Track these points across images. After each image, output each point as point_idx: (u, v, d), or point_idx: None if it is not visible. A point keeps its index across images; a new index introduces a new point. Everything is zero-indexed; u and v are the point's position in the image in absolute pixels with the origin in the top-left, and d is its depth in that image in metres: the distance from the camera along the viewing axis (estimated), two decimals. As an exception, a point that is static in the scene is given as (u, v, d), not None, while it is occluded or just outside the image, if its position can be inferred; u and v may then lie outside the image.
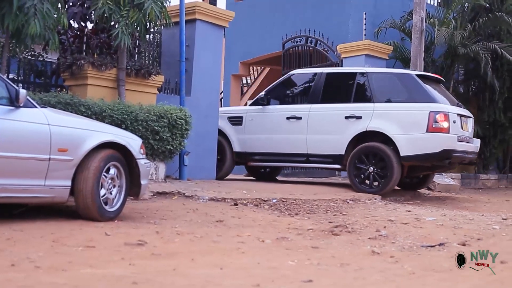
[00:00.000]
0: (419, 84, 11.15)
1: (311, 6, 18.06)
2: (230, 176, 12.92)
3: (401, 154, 10.67)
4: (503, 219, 8.69)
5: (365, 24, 17.07)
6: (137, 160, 6.89)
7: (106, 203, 6.55)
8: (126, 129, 8.68)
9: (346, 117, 11.20)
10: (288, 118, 11.75)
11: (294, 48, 16.51)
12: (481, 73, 16.45)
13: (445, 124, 10.57)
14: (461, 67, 18.48)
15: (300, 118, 11.63)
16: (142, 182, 7.00)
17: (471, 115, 11.92)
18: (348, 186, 11.60)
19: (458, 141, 10.80)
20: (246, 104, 15.98)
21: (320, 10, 17.72)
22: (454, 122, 10.75)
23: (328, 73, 12.06)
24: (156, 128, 9.70)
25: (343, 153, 11.13)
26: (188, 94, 11.40)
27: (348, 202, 9.86)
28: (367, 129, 10.99)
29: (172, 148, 10.02)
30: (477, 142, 11.84)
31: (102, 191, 6.48)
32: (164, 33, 11.76)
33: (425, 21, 15.08)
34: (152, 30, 11.34)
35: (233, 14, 12.53)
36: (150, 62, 11.67)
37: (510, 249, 6.01)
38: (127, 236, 5.63)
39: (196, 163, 11.19)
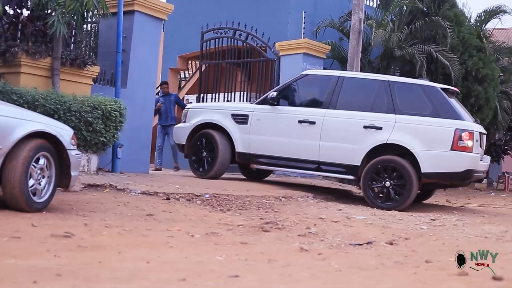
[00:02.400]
0: (445, 99, 10.70)
1: (251, 3, 18.08)
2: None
3: (423, 171, 10.18)
4: (431, 219, 8.86)
5: (304, 23, 17.21)
6: (68, 151, 6.79)
7: (34, 194, 6.42)
8: (58, 119, 8.53)
9: (365, 127, 10.55)
10: (300, 121, 10.96)
11: (218, 40, 15.83)
12: (416, 75, 16.71)
13: (469, 143, 10.15)
14: (397, 69, 18.81)
15: (313, 122, 10.86)
16: (73, 173, 6.90)
17: (485, 131, 11.57)
18: (282, 183, 11.65)
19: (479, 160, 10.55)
20: (184, 99, 15.82)
21: (260, 8, 17.76)
22: (476, 141, 10.38)
23: (347, 78, 11.37)
24: (90, 119, 9.59)
25: (359, 164, 10.54)
26: (124, 86, 11.30)
27: (281, 199, 9.91)
28: (388, 142, 10.40)
29: (105, 140, 9.92)
30: (487, 159, 11.50)
31: (31, 182, 6.35)
32: (102, 23, 11.64)
33: (363, 22, 15.27)
34: (89, 20, 11.20)
35: (172, 7, 12.47)
36: (87, 52, 11.53)
37: (436, 249, 6.13)
38: (54, 227, 5.55)
39: (129, 156, 11.10)
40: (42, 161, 6.52)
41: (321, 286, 4.02)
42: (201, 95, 16.40)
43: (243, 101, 15.38)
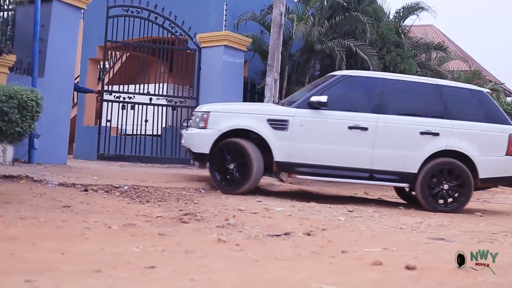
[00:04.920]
0: (494, 103, 10.81)
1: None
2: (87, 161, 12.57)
3: (480, 176, 10.29)
4: (349, 211, 9.01)
5: (225, 15, 17.18)
6: (-19, 141, 6.63)
7: None
8: (-28, 108, 8.34)
9: (422, 133, 10.31)
10: (350, 127, 10.26)
11: (129, 20, 14.81)
12: (336, 69, 16.89)
13: None
14: (317, 63, 19.01)
15: (366, 128, 10.25)
16: (-14, 164, 6.75)
17: None
18: (202, 175, 11.61)
19: None
20: (100, 91, 15.34)
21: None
22: None
23: (393, 80, 10.86)
24: (5, 109, 9.36)
25: (416, 171, 10.30)
26: (41, 76, 11.07)
27: (201, 191, 9.90)
28: (446, 148, 10.30)
29: (21, 130, 9.70)
30: None
31: None
32: (19, 11, 11.40)
33: (285, 16, 15.34)
34: (5, 7, 10.94)
35: (91, -5, 12.27)
36: (3, 40, 11.27)
37: (352, 239, 6.23)
38: (-34, 219, 5.42)
39: (46, 147, 10.89)
40: (-47, 151, 6.36)
41: (237, 277, 4.03)
42: (108, 86, 15.40)
43: (160, 92, 15.16)
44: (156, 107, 14.91)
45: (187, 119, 15.66)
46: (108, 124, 14.53)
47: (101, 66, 21.96)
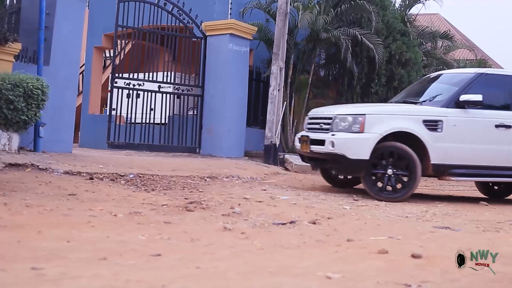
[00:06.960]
0: None
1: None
2: (86, 150, 12.59)
3: None
4: (354, 200, 9.03)
5: (231, 4, 17.14)
6: (-13, 129, 6.64)
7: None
8: (-23, 96, 8.34)
9: None
10: (497, 126, 10.21)
11: (139, 4, 14.40)
12: (341, 58, 16.92)
13: None
14: (322, 52, 18.96)
15: (510, 127, 10.28)
16: (-8, 152, 6.76)
17: None
18: (206, 164, 11.61)
19: None
20: (109, 78, 15.28)
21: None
22: None
23: None
24: (11, 97, 9.35)
25: None
26: (46, 64, 11.07)
27: (206, 180, 9.91)
28: None
29: (27, 118, 9.69)
30: None
31: None
32: (24, -1, 11.40)
33: (290, 4, 15.32)
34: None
35: (96, -16, 12.24)
36: (8, 29, 11.26)
37: (358, 228, 6.23)
38: (-28, 207, 5.43)
39: (52, 136, 10.90)
40: (-41, 139, 6.37)
41: (242, 265, 4.03)
42: (117, 74, 14.48)
43: (167, 80, 15.11)
44: (161, 95, 14.83)
45: (193, 107, 15.66)
46: (115, 112, 14.43)
47: (106, 54, 21.98)
